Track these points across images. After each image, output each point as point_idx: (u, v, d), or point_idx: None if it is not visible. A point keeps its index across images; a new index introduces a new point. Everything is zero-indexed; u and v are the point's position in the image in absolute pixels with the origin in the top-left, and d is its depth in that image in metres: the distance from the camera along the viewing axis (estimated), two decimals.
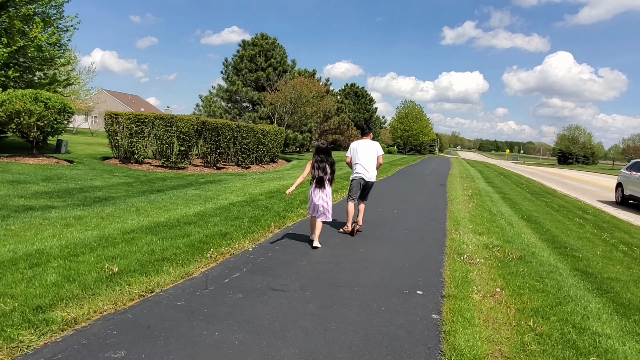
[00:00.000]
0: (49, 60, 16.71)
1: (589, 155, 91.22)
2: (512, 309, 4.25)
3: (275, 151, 20.80)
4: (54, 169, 11.90)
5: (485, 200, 12.84)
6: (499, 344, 3.50)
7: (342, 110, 46.81)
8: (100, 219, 6.63)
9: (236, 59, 32.30)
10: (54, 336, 3.12)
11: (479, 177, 23.70)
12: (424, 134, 77.67)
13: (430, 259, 5.91)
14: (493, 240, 7.24)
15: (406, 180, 19.22)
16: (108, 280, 4.14)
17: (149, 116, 14.71)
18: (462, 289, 4.69)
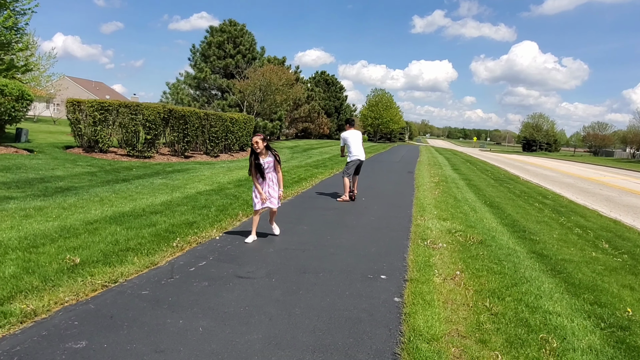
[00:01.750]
0: (6, 45, 16.01)
1: (551, 142, 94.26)
2: (470, 290, 4.43)
3: (244, 140, 20.64)
4: (13, 158, 11.48)
5: (451, 187, 13.15)
6: (456, 324, 3.65)
7: (313, 98, 46.70)
8: (62, 210, 6.48)
9: (204, 45, 31.70)
10: (12, 328, 3.08)
11: (446, 165, 24.19)
12: (394, 122, 78.34)
13: (395, 245, 6.05)
14: (456, 225, 7.46)
15: (375, 167, 19.44)
16: (69, 272, 4.08)
17: (113, 104, 14.32)
18: (424, 272, 4.85)
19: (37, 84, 33.12)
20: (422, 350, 3.15)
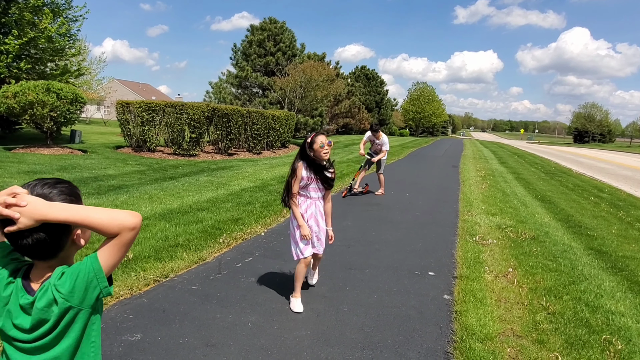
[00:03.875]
0: (60, 51, 16.81)
1: (605, 133, 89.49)
2: (524, 288, 4.25)
3: (286, 136, 20.79)
4: (69, 158, 12.07)
5: (499, 181, 12.73)
6: (511, 323, 3.50)
7: (353, 93, 46.44)
8: (114, 207, 6.73)
9: (245, 44, 32.14)
10: None
11: (492, 158, 23.46)
12: (436, 116, 76.77)
13: (442, 241, 5.90)
14: (506, 220, 7.20)
15: (418, 162, 19.11)
16: (123, 267, 4.22)
17: (159, 104, 14.77)
18: (474, 269, 4.69)
19: (88, 88, 34.66)
20: (475, 349, 3.04)
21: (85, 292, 1.15)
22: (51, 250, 1.17)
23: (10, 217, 1.09)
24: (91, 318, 1.21)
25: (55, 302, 1.13)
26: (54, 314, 1.13)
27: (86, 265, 1.16)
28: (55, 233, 1.15)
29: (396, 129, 65.18)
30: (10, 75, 14.73)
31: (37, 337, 1.15)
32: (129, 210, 1.18)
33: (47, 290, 1.14)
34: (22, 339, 1.16)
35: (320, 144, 3.43)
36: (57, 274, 1.16)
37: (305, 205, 3.63)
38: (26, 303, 1.15)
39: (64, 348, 1.17)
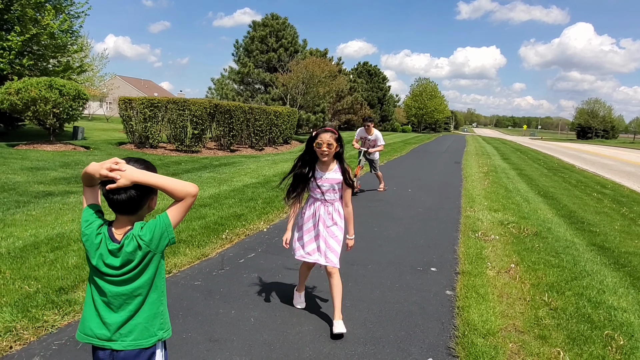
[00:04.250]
0: (62, 48, 16.82)
1: (608, 129, 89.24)
2: (526, 284, 4.25)
3: (288, 132, 20.80)
4: (71, 155, 12.10)
5: (501, 177, 12.72)
6: (513, 319, 3.51)
7: (355, 89, 46.37)
8: None
9: (247, 40, 32.09)
10: (77, 316, 3.22)
11: (495, 154, 23.43)
12: (439, 112, 76.66)
13: (444, 237, 5.91)
14: (508, 216, 7.19)
15: (420, 158, 19.09)
16: None
17: (162, 100, 14.79)
18: (476, 265, 4.70)
19: (91, 84, 34.67)
20: (477, 345, 3.05)
21: (160, 241, 1.59)
22: (135, 206, 1.59)
23: (113, 178, 1.50)
24: (161, 260, 1.65)
25: (139, 248, 1.57)
26: (137, 256, 1.57)
27: (160, 221, 1.59)
28: (141, 193, 1.57)
29: (398, 125, 65.06)
30: (13, 71, 14.76)
31: (124, 272, 1.58)
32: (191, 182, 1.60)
33: (132, 239, 1.57)
34: (112, 274, 1.58)
35: (317, 143, 3.10)
36: (138, 227, 1.59)
37: (307, 205, 3.35)
38: (114, 248, 1.57)
39: (144, 280, 1.61)
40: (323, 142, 3.09)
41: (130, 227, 1.60)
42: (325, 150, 3.09)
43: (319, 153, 3.13)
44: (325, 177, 3.20)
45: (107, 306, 1.60)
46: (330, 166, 3.22)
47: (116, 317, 1.59)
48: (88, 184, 1.67)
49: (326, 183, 3.21)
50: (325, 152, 3.10)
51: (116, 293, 1.59)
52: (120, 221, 1.61)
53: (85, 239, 1.62)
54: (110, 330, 1.59)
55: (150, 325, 1.63)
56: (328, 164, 3.21)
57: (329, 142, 3.08)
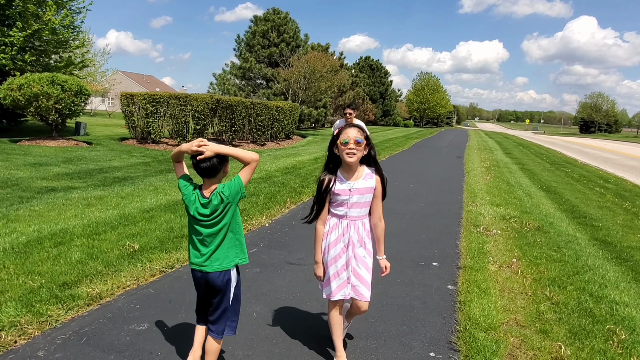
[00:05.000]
0: (64, 43, 16.81)
1: (612, 123, 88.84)
2: (528, 279, 4.26)
3: (290, 127, 20.79)
4: (74, 150, 12.12)
5: (504, 172, 12.70)
6: (515, 313, 3.52)
7: (357, 84, 46.26)
8: (120, 199, 6.78)
9: (248, 35, 32.03)
10: (81, 311, 3.25)
11: (497, 149, 23.37)
12: (441, 106, 76.51)
13: (446, 232, 5.91)
14: (510, 211, 7.19)
15: (422, 153, 19.07)
16: (130, 257, 4.26)
17: (163, 96, 14.79)
18: (478, 260, 4.70)
19: (93, 80, 34.68)
20: (479, 339, 3.06)
21: (236, 195, 2.28)
22: (216, 171, 2.28)
23: (202, 151, 2.20)
24: (236, 209, 2.35)
25: (222, 201, 2.26)
26: (221, 206, 2.27)
27: (235, 181, 2.28)
28: (219, 161, 2.26)
29: (400, 119, 64.92)
30: (15, 67, 14.75)
31: (212, 218, 2.29)
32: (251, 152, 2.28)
33: (217, 195, 2.26)
34: (204, 220, 2.29)
35: (344, 140, 2.50)
36: (221, 187, 2.28)
37: (330, 226, 2.65)
38: (204, 202, 2.27)
39: (225, 223, 2.31)
40: (350, 138, 2.49)
41: (214, 187, 2.29)
42: (353, 149, 2.48)
43: (344, 153, 2.50)
44: (354, 186, 2.55)
45: (201, 243, 2.33)
46: (358, 172, 2.58)
47: (208, 250, 2.32)
48: (177, 160, 2.44)
49: (355, 195, 2.56)
50: (353, 151, 2.48)
51: (207, 233, 2.30)
52: (206, 183, 2.31)
53: (185, 197, 2.32)
54: (203, 258, 2.32)
55: (229, 254, 2.35)
56: (355, 169, 2.58)
57: (357, 138, 2.50)
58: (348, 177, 2.58)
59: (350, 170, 2.57)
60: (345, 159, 2.51)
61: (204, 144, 2.19)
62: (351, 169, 2.57)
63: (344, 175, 2.59)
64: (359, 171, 2.59)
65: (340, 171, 2.60)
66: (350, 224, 2.61)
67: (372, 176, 2.60)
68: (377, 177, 2.60)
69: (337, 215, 2.62)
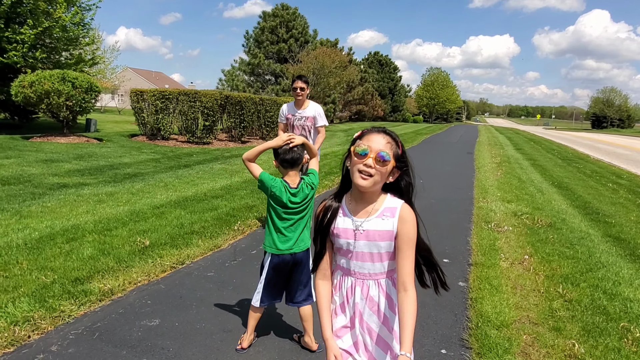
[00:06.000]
0: (74, 40, 16.92)
1: (624, 118, 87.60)
2: (540, 276, 4.21)
3: None
4: (85, 147, 12.22)
5: (515, 168, 12.59)
6: (527, 311, 3.48)
7: (366, 80, 46.11)
8: (130, 195, 6.82)
9: (257, 31, 32.03)
10: (93, 306, 3.27)
11: (507, 144, 23.18)
12: (451, 102, 76.02)
13: (456, 228, 5.87)
14: (522, 207, 7.12)
15: (432, 149, 18.96)
16: (140, 253, 4.28)
17: (173, 92, 14.83)
18: (489, 256, 4.66)
19: (103, 76, 34.86)
20: (491, 336, 3.03)
21: (317, 184, 2.68)
22: (301, 160, 2.60)
23: (292, 141, 2.52)
24: (313, 196, 2.69)
25: (312, 189, 2.63)
26: (310, 194, 2.63)
27: (316, 174, 2.69)
28: (303, 151, 2.60)
29: (410, 115, 64.62)
30: (26, 64, 14.88)
31: (302, 205, 2.62)
32: None
33: (308, 185, 2.61)
34: (295, 208, 2.60)
35: (361, 149, 1.57)
36: (307, 178, 2.63)
37: (335, 282, 1.78)
38: (294, 191, 2.57)
39: (310, 207, 2.67)
40: (371, 149, 1.56)
41: (298, 178, 2.61)
42: (371, 167, 1.55)
43: (355, 169, 1.58)
44: (363, 226, 1.64)
45: (289, 229, 2.62)
46: (374, 204, 1.65)
47: (295, 234, 2.64)
48: (253, 159, 2.60)
49: (362, 240, 1.64)
50: (370, 171, 1.55)
51: (297, 218, 2.63)
52: (290, 175, 2.60)
53: (276, 189, 2.54)
54: (292, 242, 2.63)
55: (307, 233, 2.69)
56: (369, 199, 1.65)
57: (382, 152, 1.56)
58: (356, 209, 1.67)
59: (361, 199, 1.66)
60: (355, 179, 1.58)
61: (292, 137, 2.52)
62: (363, 197, 1.65)
63: (350, 206, 1.69)
64: (375, 203, 1.65)
65: (346, 198, 1.71)
66: (355, 284, 1.70)
67: (395, 213, 1.62)
68: (402, 216, 1.62)
69: (341, 267, 1.74)
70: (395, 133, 1.65)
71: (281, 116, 5.40)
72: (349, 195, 1.71)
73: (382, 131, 1.64)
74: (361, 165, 1.57)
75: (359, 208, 1.67)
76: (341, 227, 1.68)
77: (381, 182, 1.62)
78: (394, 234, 1.62)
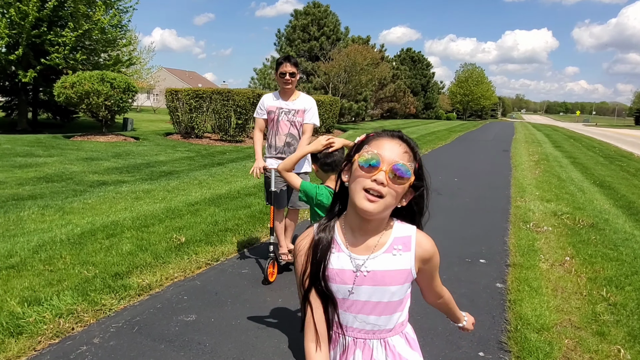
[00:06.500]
0: (112, 42, 17.47)
1: None
2: (582, 278, 4.06)
3: (330, 121, 20.75)
4: (122, 145, 12.59)
5: (554, 166, 12.19)
6: (569, 314, 3.36)
7: (398, 77, 45.59)
8: (166, 192, 6.97)
9: (289, 29, 32.15)
10: (132, 300, 3.36)
11: (546, 142, 22.48)
12: (485, 98, 74.34)
13: (493, 228, 5.73)
14: (562, 207, 6.88)
15: (466, 146, 18.59)
16: (177, 250, 4.37)
17: (206, 91, 15.08)
18: (528, 257, 4.53)
19: (139, 77, 35.80)
20: (531, 340, 2.94)
21: None
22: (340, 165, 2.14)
23: (332, 144, 2.21)
24: None
25: None
26: None
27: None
28: (343, 153, 2.32)
29: (442, 112, 63.55)
30: (68, 66, 15.45)
31: None
32: None
33: None
34: None
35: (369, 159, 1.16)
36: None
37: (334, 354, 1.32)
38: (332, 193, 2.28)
39: None
40: (383, 161, 1.16)
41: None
42: (383, 187, 1.15)
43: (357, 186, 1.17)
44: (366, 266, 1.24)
45: None
46: (380, 235, 1.25)
47: None
48: (292, 169, 2.35)
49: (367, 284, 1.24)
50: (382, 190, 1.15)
51: None
52: (332, 179, 2.43)
53: (323, 197, 2.44)
54: None
55: None
56: (378, 228, 1.25)
57: (398, 164, 1.16)
58: (354, 242, 1.24)
59: (362, 228, 1.23)
60: (358, 201, 1.16)
61: (332, 140, 2.24)
62: (364, 226, 1.22)
63: (346, 238, 1.25)
64: (382, 233, 1.24)
65: (338, 226, 1.27)
66: (352, 346, 1.27)
67: (410, 245, 1.25)
68: (422, 247, 1.27)
69: (334, 323, 1.28)
70: (413, 141, 1.24)
71: (260, 110, 4.09)
72: (342, 222, 1.27)
73: (398, 136, 1.23)
74: (368, 182, 1.14)
75: (359, 240, 1.23)
76: (336, 267, 1.23)
77: (392, 207, 1.20)
78: (411, 273, 1.24)
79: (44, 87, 16.34)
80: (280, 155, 4.01)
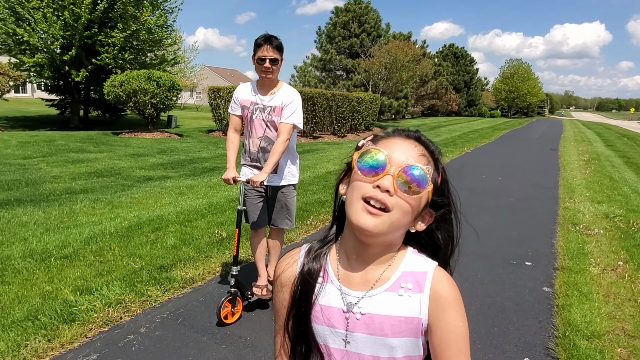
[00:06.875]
0: (158, 42, 18.02)
1: None
2: (637, 284, 3.84)
3: (370, 119, 20.61)
4: (167, 142, 12.98)
5: (605, 166, 11.62)
6: (622, 322, 3.19)
7: (440, 73, 44.70)
8: (208, 188, 7.13)
9: (329, 27, 32.15)
10: (176, 293, 3.46)
11: (597, 140, 21.46)
12: (532, 95, 71.72)
13: (540, 229, 5.52)
14: (615, 209, 6.55)
15: (511, 145, 18.01)
16: (218, 244, 4.46)
17: None
18: (577, 261, 4.33)
19: (183, 75, 36.79)
20: (580, 347, 2.81)
21: None
22: None
23: None
24: None
25: None
26: None
27: None
28: None
29: (486, 110, 61.83)
30: (116, 65, 16.07)
31: None
32: None
33: None
34: None
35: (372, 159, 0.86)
36: None
37: None
38: None
39: None
40: (391, 162, 0.84)
41: None
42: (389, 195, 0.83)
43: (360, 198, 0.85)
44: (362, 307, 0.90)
45: None
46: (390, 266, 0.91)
47: None
48: None
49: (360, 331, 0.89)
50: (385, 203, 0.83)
51: None
52: None
53: None
54: None
55: None
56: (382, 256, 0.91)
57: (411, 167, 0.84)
58: (349, 273, 0.94)
59: (361, 255, 0.92)
60: (354, 215, 0.86)
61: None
62: (363, 252, 0.91)
63: (340, 266, 0.95)
64: (388, 265, 0.92)
65: (334, 249, 0.99)
66: None
67: (424, 285, 0.90)
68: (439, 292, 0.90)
69: None
70: (435, 144, 0.92)
71: (233, 104, 3.34)
72: (336, 247, 0.98)
73: (414, 137, 0.92)
74: (369, 188, 0.84)
75: (356, 271, 0.92)
76: (324, 304, 0.92)
77: (402, 228, 0.88)
78: (421, 324, 0.88)
79: (94, 86, 17.07)
80: (254, 163, 3.35)
